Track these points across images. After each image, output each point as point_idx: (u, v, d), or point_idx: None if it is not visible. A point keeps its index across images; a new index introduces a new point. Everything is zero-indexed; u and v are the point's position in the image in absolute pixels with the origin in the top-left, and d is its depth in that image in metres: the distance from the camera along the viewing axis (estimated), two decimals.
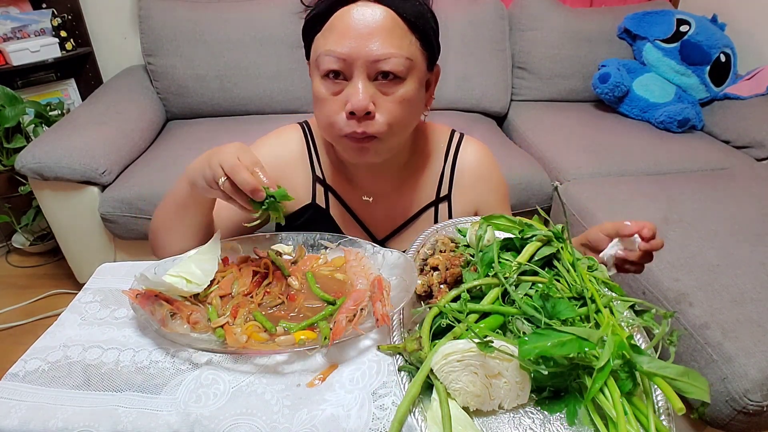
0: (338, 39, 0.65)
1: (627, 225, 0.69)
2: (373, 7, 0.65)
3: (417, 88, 0.69)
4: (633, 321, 0.57)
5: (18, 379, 0.54)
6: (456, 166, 0.85)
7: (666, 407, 0.50)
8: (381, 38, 0.64)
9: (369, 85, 0.66)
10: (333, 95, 0.68)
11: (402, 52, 0.65)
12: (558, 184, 0.67)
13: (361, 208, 0.85)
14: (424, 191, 0.85)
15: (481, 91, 2.11)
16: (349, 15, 0.65)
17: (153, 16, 1.87)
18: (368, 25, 0.64)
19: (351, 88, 0.66)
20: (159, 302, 0.59)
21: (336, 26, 0.66)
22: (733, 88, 2.07)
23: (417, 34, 0.67)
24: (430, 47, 0.70)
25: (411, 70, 0.67)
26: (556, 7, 2.17)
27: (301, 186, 0.83)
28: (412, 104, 0.70)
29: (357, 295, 0.60)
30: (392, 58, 0.65)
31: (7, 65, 1.80)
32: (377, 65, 0.65)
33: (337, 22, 0.66)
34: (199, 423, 0.49)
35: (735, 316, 1.07)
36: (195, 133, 1.83)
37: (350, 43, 0.64)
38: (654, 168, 1.75)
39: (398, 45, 0.65)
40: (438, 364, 0.49)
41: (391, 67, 0.65)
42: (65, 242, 1.63)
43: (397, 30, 0.65)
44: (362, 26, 0.64)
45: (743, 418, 0.98)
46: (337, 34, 0.65)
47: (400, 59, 0.65)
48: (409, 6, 0.66)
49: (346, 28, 0.65)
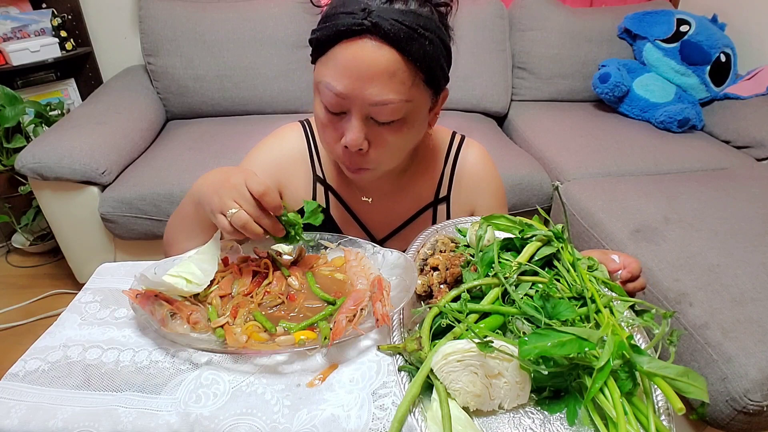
0: (338, 75, 0.62)
1: (612, 260, 0.68)
2: (378, 47, 0.60)
3: (415, 123, 0.67)
4: (633, 321, 0.57)
5: (18, 379, 0.54)
6: (456, 169, 0.85)
7: (666, 407, 0.50)
8: (381, 83, 0.61)
9: (365, 123, 0.64)
10: (330, 123, 0.67)
11: (401, 97, 0.62)
12: (558, 184, 0.66)
13: (361, 209, 0.85)
14: (423, 192, 0.85)
15: (481, 91, 2.11)
16: (352, 51, 0.60)
17: (153, 16, 1.87)
18: (369, 66, 0.60)
19: (347, 123, 0.64)
20: (159, 302, 0.59)
21: (337, 60, 0.62)
22: (733, 88, 2.07)
23: (422, 75, 0.63)
24: (438, 81, 0.67)
25: (410, 111, 0.65)
26: (556, 7, 2.17)
27: (302, 185, 0.83)
28: (409, 135, 0.68)
29: (357, 295, 0.60)
30: (390, 104, 0.62)
31: (7, 65, 1.80)
32: (373, 109, 0.63)
33: (339, 56, 0.61)
34: (199, 423, 0.49)
35: (735, 316, 1.07)
36: (195, 133, 1.83)
37: (348, 83, 0.61)
38: (654, 168, 1.75)
39: (397, 90, 0.61)
40: (438, 364, 0.49)
41: (387, 113, 0.62)
42: (65, 242, 1.63)
43: (399, 74, 0.61)
44: (363, 67, 0.60)
45: (743, 418, 0.98)
46: (337, 69, 0.62)
47: (399, 105, 0.62)
48: (417, 47, 0.61)
49: (346, 65, 0.61)
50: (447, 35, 0.66)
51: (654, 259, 1.25)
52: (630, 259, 0.68)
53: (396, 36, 0.59)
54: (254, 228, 0.60)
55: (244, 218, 0.59)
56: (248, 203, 0.60)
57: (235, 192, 0.60)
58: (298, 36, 1.93)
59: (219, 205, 0.60)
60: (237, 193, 0.60)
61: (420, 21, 0.60)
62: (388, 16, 0.59)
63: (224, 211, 0.60)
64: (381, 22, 0.58)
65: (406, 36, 0.59)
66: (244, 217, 0.59)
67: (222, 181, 0.62)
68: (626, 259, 0.68)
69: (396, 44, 0.60)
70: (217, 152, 1.67)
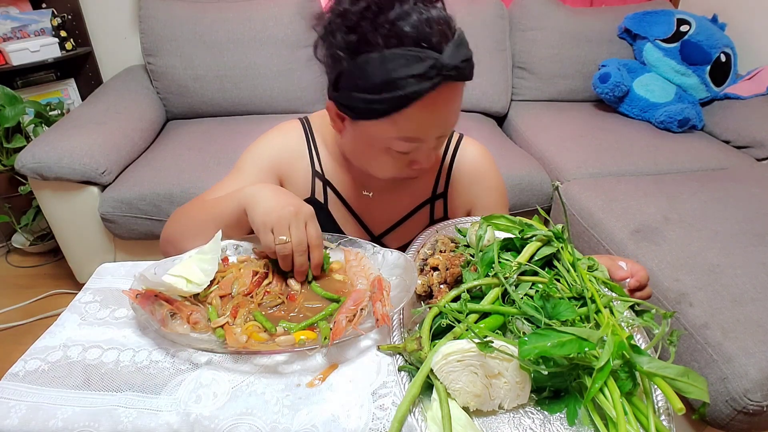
0: (420, 128, 0.64)
1: (620, 267, 0.68)
2: (456, 88, 0.63)
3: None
4: (633, 321, 0.57)
5: (18, 379, 0.54)
6: (454, 165, 0.85)
7: (666, 407, 0.50)
8: (456, 110, 0.66)
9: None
10: (399, 158, 0.69)
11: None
12: (558, 184, 0.67)
13: (359, 204, 0.85)
14: (421, 188, 0.86)
15: (481, 91, 2.11)
16: (433, 103, 0.61)
17: (153, 16, 1.87)
18: (452, 106, 0.64)
19: (421, 152, 0.68)
20: (159, 302, 0.59)
21: (417, 117, 0.61)
22: (733, 88, 2.07)
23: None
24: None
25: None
26: (557, 7, 2.17)
27: (301, 180, 0.84)
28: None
29: (357, 295, 0.60)
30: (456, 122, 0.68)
31: (7, 65, 1.79)
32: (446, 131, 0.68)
33: (418, 113, 0.61)
34: (199, 423, 0.49)
35: (735, 316, 1.07)
36: (195, 133, 1.83)
37: (437, 131, 0.66)
38: (654, 168, 1.75)
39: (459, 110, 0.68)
40: (438, 364, 0.49)
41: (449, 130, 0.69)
42: (65, 242, 1.63)
43: (462, 95, 0.66)
44: (446, 111, 0.64)
45: (743, 418, 0.98)
46: (418, 123, 0.63)
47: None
48: (473, 68, 0.64)
49: (432, 117, 0.63)
50: None
51: (654, 259, 1.25)
52: (638, 267, 0.67)
53: (470, 74, 0.62)
54: (289, 263, 0.63)
55: (288, 250, 0.62)
56: (299, 241, 0.62)
57: (296, 223, 0.62)
58: (298, 36, 1.93)
59: (275, 225, 0.62)
60: (296, 224, 0.62)
61: (466, 41, 0.62)
62: (459, 61, 0.59)
63: (277, 231, 0.62)
64: (458, 71, 0.59)
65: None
66: (288, 250, 0.62)
67: (288, 204, 0.63)
68: (634, 266, 0.67)
69: (466, 78, 0.62)
70: (217, 152, 1.67)
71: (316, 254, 0.64)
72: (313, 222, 0.64)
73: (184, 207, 0.80)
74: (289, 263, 0.64)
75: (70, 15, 1.97)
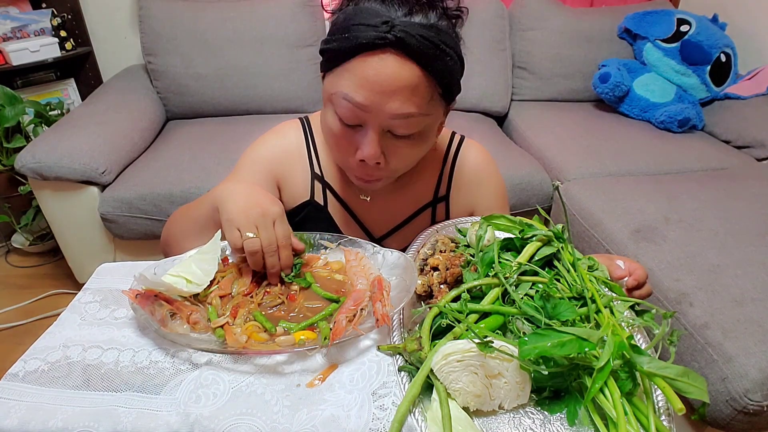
0: (357, 87, 0.61)
1: (618, 266, 0.67)
2: (401, 62, 0.59)
3: (430, 135, 0.69)
4: (633, 321, 0.57)
5: (18, 379, 0.54)
6: (455, 168, 0.85)
7: (666, 407, 0.50)
8: (403, 97, 0.60)
9: (382, 136, 0.65)
10: (345, 136, 0.66)
11: (420, 110, 0.62)
12: (559, 184, 0.66)
13: (359, 207, 0.85)
14: (422, 192, 0.85)
15: (481, 91, 2.11)
16: (374, 64, 0.59)
17: (153, 16, 1.87)
18: (392, 81, 0.59)
19: (363, 136, 0.64)
20: (159, 302, 0.59)
21: (357, 72, 0.61)
22: (733, 88, 2.07)
23: (440, 89, 0.64)
24: (453, 94, 0.68)
25: (427, 123, 0.66)
26: (557, 7, 2.17)
27: (300, 182, 0.83)
28: (422, 149, 0.69)
29: (357, 295, 0.60)
30: (411, 117, 0.62)
31: (7, 65, 1.80)
32: (393, 123, 0.63)
33: (359, 68, 0.60)
34: (198, 423, 0.49)
35: (735, 316, 1.07)
36: (195, 133, 1.83)
37: (369, 96, 0.60)
38: (654, 168, 1.75)
39: (418, 104, 0.62)
40: (438, 365, 0.49)
41: (406, 127, 0.63)
42: (65, 242, 1.63)
43: (421, 89, 0.61)
44: (386, 81, 0.59)
45: (743, 418, 0.98)
46: (357, 81, 0.61)
47: (419, 119, 0.63)
48: (440, 64, 0.61)
49: (367, 78, 0.60)
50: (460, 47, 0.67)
51: (654, 259, 1.25)
52: (635, 266, 0.67)
53: (421, 52, 0.59)
54: (259, 261, 0.61)
55: (256, 247, 0.60)
56: (269, 241, 0.61)
57: (263, 222, 0.61)
58: (298, 36, 1.93)
59: (242, 224, 0.61)
60: (264, 224, 0.61)
61: (442, 37, 0.61)
62: (413, 32, 0.58)
63: (243, 230, 0.60)
64: (406, 37, 0.58)
65: (431, 53, 0.59)
66: (256, 247, 0.60)
67: (256, 204, 0.62)
68: (632, 265, 0.67)
69: (420, 60, 0.59)
70: (217, 152, 1.67)
71: (284, 254, 0.62)
72: (282, 222, 0.62)
73: (180, 209, 0.80)
74: (258, 261, 0.62)
75: (70, 15, 1.97)
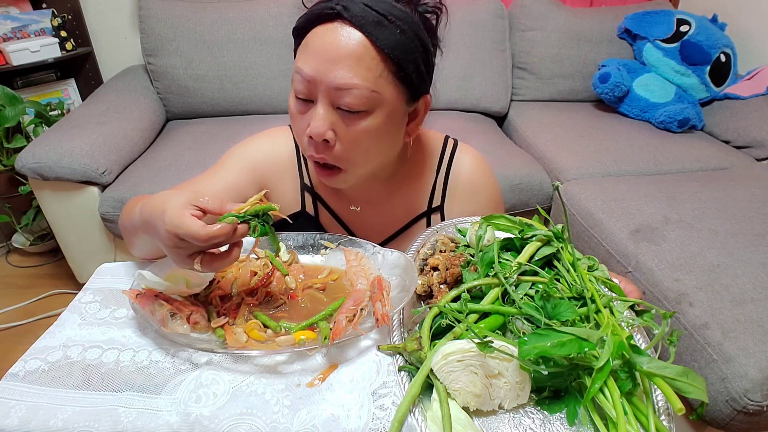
0: (306, 58, 0.61)
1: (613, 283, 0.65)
2: (348, 30, 0.60)
3: (385, 122, 0.64)
4: (633, 321, 0.57)
5: (18, 379, 0.54)
6: (450, 177, 0.82)
7: (666, 407, 0.50)
8: (347, 65, 0.59)
9: (331, 112, 0.62)
10: (300, 114, 0.65)
11: (367, 84, 0.60)
12: (559, 184, 0.66)
13: (351, 218, 0.83)
14: (415, 201, 0.83)
15: (481, 91, 2.11)
16: (322, 35, 0.61)
17: (153, 16, 1.87)
18: (337, 49, 0.59)
19: (313, 111, 0.63)
20: (159, 302, 0.59)
21: (308, 44, 0.62)
22: (733, 88, 2.07)
23: (392, 66, 0.61)
24: (411, 80, 0.64)
25: (378, 104, 0.62)
26: (556, 7, 2.17)
27: (290, 193, 0.81)
28: (378, 137, 0.65)
29: (357, 295, 0.60)
30: (354, 89, 0.60)
31: (7, 65, 1.80)
32: (338, 94, 0.60)
33: (310, 40, 0.62)
34: (199, 423, 0.49)
35: (735, 316, 1.07)
36: (195, 133, 1.83)
37: (316, 66, 0.60)
38: (654, 168, 1.75)
39: (364, 76, 0.60)
40: (438, 364, 0.49)
41: (351, 99, 0.60)
42: (65, 242, 1.63)
43: (366, 59, 0.60)
44: (331, 49, 0.60)
45: (743, 418, 0.98)
46: (307, 53, 0.62)
47: (363, 91, 0.60)
48: (386, 34, 0.60)
49: (315, 49, 0.61)
50: (428, 39, 0.65)
51: (654, 259, 1.25)
52: (631, 287, 0.66)
53: (364, 19, 0.59)
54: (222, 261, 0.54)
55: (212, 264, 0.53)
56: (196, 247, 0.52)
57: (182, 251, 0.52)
58: None
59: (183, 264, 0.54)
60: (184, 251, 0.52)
61: (392, 10, 0.61)
62: (359, 0, 0.60)
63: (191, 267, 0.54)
64: (351, 5, 0.60)
65: (374, 20, 0.60)
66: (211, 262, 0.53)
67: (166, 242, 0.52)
68: (627, 286, 0.66)
69: (364, 28, 0.59)
70: (217, 152, 1.64)
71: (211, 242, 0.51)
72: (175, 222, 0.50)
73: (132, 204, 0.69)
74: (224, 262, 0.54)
75: (70, 15, 1.97)
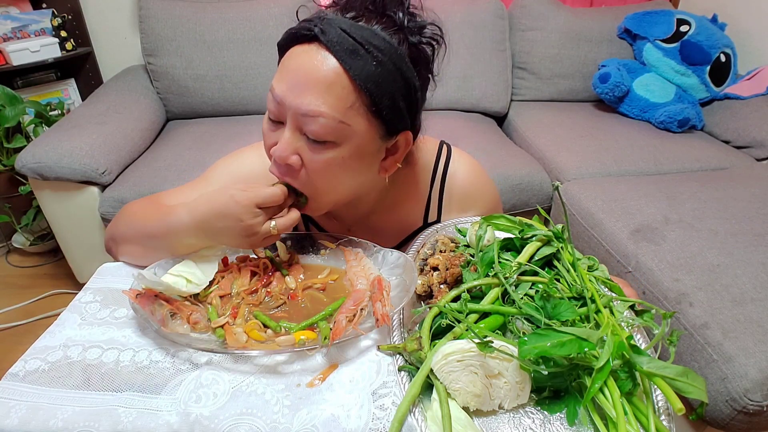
0: (280, 78, 0.59)
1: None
2: (323, 55, 0.56)
3: (353, 155, 0.60)
4: (633, 321, 0.57)
5: (18, 379, 0.54)
6: (444, 191, 0.80)
7: (666, 407, 0.50)
8: (316, 92, 0.56)
9: (298, 137, 0.60)
10: (270, 132, 0.63)
11: (335, 114, 0.56)
12: (559, 184, 0.66)
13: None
14: (410, 217, 0.81)
15: (481, 91, 2.11)
16: (297, 56, 0.58)
17: (153, 16, 1.87)
18: (308, 73, 0.56)
19: (281, 133, 0.60)
20: (159, 302, 0.59)
21: (284, 64, 0.60)
22: (733, 88, 2.07)
23: (366, 99, 0.57)
24: (387, 115, 0.59)
25: (347, 136, 0.59)
26: (556, 7, 2.17)
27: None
28: (345, 170, 0.62)
29: (357, 295, 0.60)
30: (321, 117, 0.56)
31: (7, 65, 1.79)
32: (305, 120, 0.57)
33: (286, 60, 0.60)
34: (199, 423, 0.49)
35: (735, 316, 1.07)
36: (195, 133, 1.83)
37: (286, 88, 0.58)
38: (654, 168, 1.75)
39: (333, 105, 0.56)
40: (438, 364, 0.49)
41: (317, 128, 0.57)
42: (65, 242, 1.63)
43: (337, 88, 0.56)
44: (302, 73, 0.57)
45: (743, 418, 0.98)
46: (281, 72, 0.60)
47: (330, 121, 0.57)
48: (361, 65, 0.56)
49: (288, 70, 0.58)
50: (413, 74, 0.59)
51: (654, 259, 1.25)
52: (629, 290, 0.65)
53: (339, 45, 0.55)
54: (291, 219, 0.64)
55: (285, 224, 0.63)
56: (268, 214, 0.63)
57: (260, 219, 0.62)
58: None
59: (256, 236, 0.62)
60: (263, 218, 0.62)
61: (372, 39, 0.56)
62: (336, 24, 0.56)
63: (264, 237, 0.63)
64: (328, 29, 0.56)
65: (350, 48, 0.55)
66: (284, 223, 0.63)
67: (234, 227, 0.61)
68: (625, 288, 0.64)
69: (338, 55, 0.55)
70: (217, 152, 1.66)
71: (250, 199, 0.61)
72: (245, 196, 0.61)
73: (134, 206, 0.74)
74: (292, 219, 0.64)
75: (70, 15, 1.97)
